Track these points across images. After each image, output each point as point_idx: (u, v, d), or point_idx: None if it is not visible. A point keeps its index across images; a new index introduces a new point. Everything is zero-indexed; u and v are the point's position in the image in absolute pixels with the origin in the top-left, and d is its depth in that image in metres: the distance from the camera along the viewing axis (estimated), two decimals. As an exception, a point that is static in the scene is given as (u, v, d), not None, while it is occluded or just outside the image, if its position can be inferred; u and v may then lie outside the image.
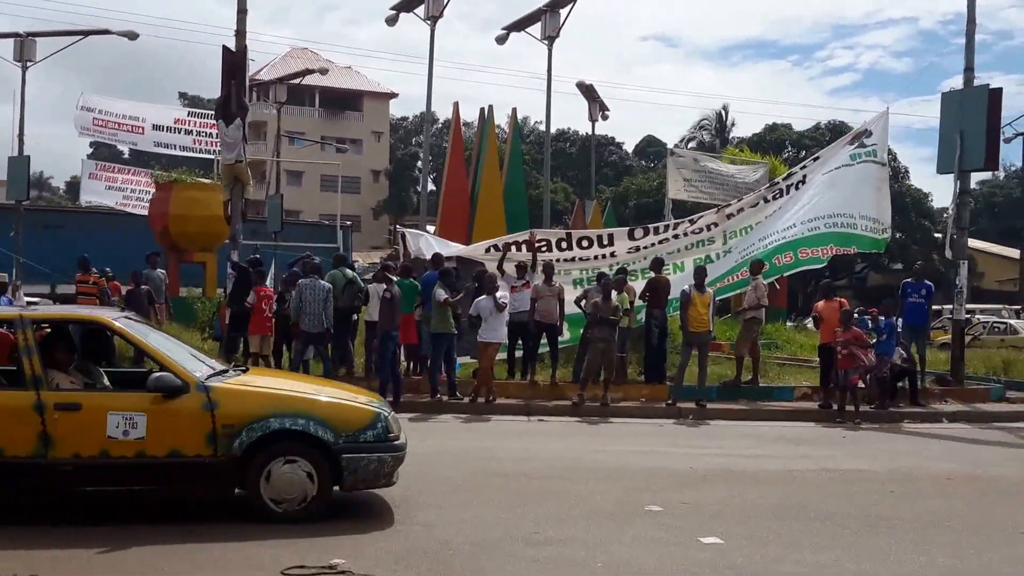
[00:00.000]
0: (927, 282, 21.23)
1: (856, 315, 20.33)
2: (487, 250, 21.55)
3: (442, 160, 41.23)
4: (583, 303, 19.28)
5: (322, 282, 18.87)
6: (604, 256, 21.71)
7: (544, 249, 21.40)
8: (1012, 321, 39.01)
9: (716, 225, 22.02)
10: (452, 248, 22.20)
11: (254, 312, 19.27)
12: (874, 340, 18.63)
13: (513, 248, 21.28)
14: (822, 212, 21.61)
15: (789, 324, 32.51)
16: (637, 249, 21.76)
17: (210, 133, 38.60)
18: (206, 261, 32.57)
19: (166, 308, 24.38)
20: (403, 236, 23.14)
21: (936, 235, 68.52)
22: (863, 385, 18.62)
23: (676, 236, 21.92)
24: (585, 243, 22.06)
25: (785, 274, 23.39)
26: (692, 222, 22.39)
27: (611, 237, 22.20)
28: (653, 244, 21.77)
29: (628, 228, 23.38)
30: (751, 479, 12.02)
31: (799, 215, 21.65)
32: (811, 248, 21.41)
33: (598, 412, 17.94)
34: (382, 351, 17.88)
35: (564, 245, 21.81)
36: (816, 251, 21.43)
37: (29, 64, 33.84)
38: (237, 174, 21.98)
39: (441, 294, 18.33)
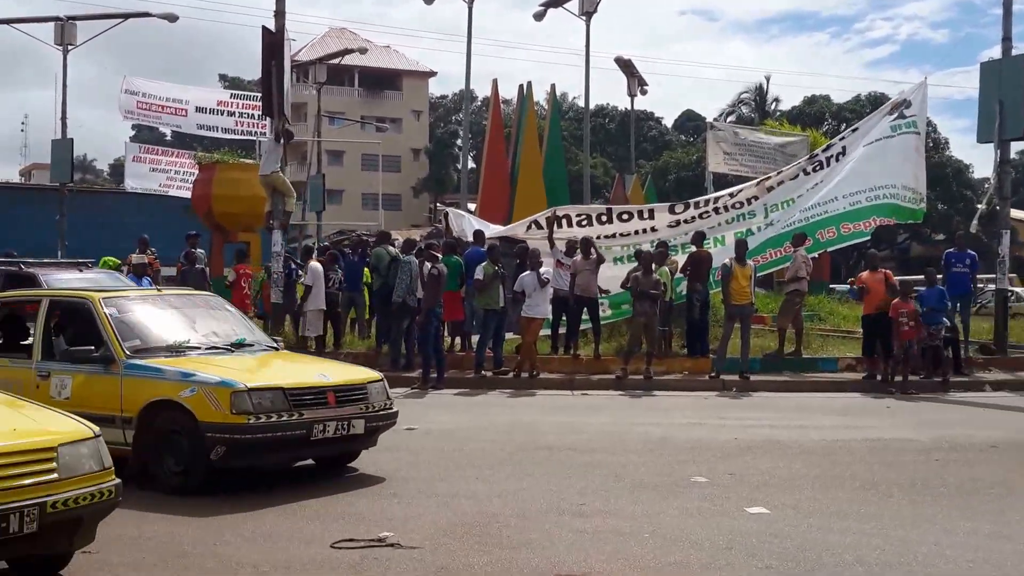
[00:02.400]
0: (971, 252, 21.10)
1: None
2: (527, 228, 21.55)
3: (482, 138, 41.28)
4: (628, 284, 19.21)
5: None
6: (645, 231, 21.62)
7: (584, 224, 21.38)
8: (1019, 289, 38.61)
9: (756, 199, 21.87)
10: (492, 229, 22.22)
11: (234, 288, 19.80)
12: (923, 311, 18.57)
13: (534, 227, 21.28)
14: (864, 185, 21.45)
15: (842, 288, 32.17)
16: (678, 223, 21.64)
17: (253, 114, 38.79)
18: (250, 241, 32.77)
19: (208, 289, 24.59)
20: (446, 215, 23.27)
21: (978, 206, 67.89)
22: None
23: (716, 210, 21.79)
24: (626, 216, 22.01)
25: (828, 249, 23.26)
26: (732, 195, 22.26)
27: (651, 212, 22.16)
28: (694, 218, 21.65)
29: (669, 204, 23.31)
30: (796, 449, 12.04)
31: (841, 188, 21.48)
32: (853, 223, 21.26)
33: (641, 385, 17.99)
34: (425, 328, 17.98)
35: (604, 219, 21.76)
36: (859, 225, 21.28)
37: (70, 48, 34.09)
38: (275, 185, 21.90)
39: (480, 271, 18.45)
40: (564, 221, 21.25)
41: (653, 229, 21.65)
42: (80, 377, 10.00)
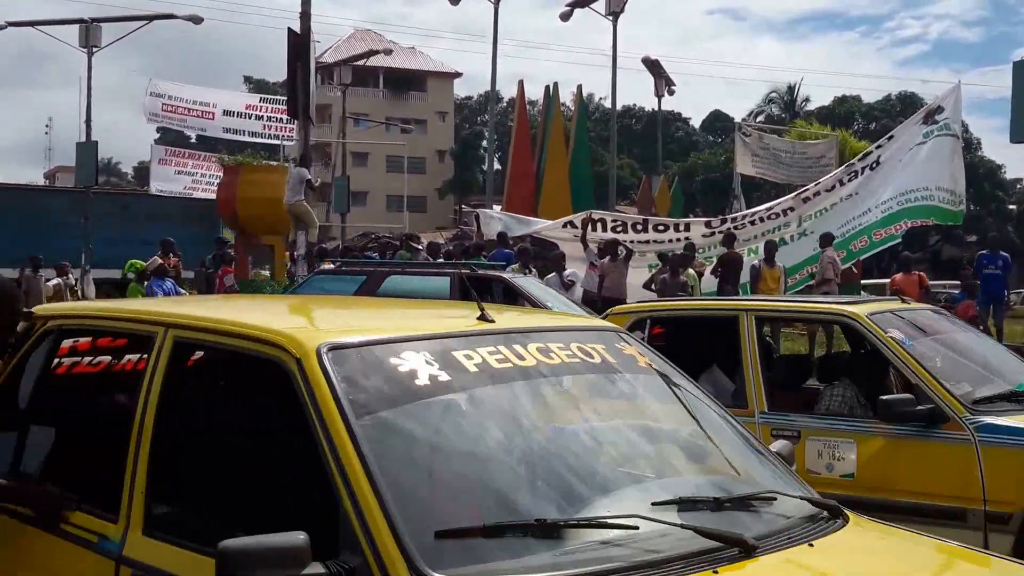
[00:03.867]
0: (1003, 253, 20.81)
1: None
2: (564, 226, 21.46)
3: (507, 139, 41.17)
4: (652, 285, 19.04)
5: None
6: (679, 240, 21.45)
7: (619, 230, 21.23)
8: None
9: (792, 210, 21.80)
10: (531, 226, 22.00)
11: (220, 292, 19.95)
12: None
13: (569, 226, 21.18)
14: (895, 192, 21.30)
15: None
16: (712, 235, 21.50)
17: (280, 118, 38.82)
18: (274, 244, 32.70)
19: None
20: (476, 217, 23.12)
21: (1011, 207, 67.39)
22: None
23: (752, 223, 21.73)
24: (661, 228, 21.97)
25: (862, 257, 23.04)
26: (769, 208, 22.24)
27: (687, 225, 22.08)
28: (729, 230, 21.56)
29: (706, 219, 23.16)
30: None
31: (874, 200, 21.36)
32: (884, 228, 21.04)
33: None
34: None
35: (640, 228, 21.63)
36: (889, 230, 21.05)
37: (95, 50, 34.16)
38: (298, 214, 21.71)
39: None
40: (599, 225, 21.09)
41: (687, 239, 21.54)
42: (878, 443, 6.78)
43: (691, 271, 19.15)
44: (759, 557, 3.23)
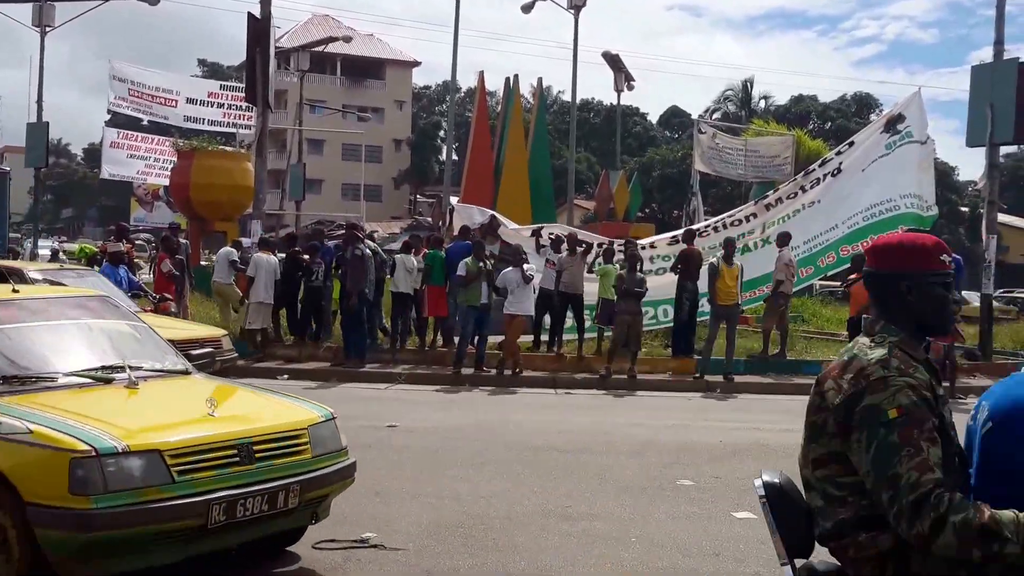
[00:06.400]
0: (956, 256, 20.89)
1: None
2: (531, 235, 21.39)
3: (465, 130, 41.07)
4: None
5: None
6: (644, 247, 21.29)
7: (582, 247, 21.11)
8: None
9: (755, 216, 21.90)
10: (499, 219, 21.87)
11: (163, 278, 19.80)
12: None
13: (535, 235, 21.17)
14: (861, 207, 21.47)
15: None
16: (677, 242, 21.48)
17: (240, 106, 38.47)
18: (227, 230, 32.50)
19: (189, 278, 24.21)
20: (451, 210, 22.96)
21: (962, 208, 68.04)
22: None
23: (716, 229, 21.80)
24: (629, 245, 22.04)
25: (828, 273, 23.18)
26: (731, 215, 22.42)
27: (653, 244, 22.01)
28: (690, 229, 21.62)
29: (671, 234, 23.04)
30: (782, 453, 11.84)
31: (840, 215, 21.53)
32: (851, 244, 21.03)
33: (625, 385, 17.81)
34: (352, 310, 18.37)
35: (604, 247, 21.42)
36: (856, 246, 20.95)
37: (48, 29, 33.74)
38: (224, 295, 21.22)
39: (463, 267, 18.24)
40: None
41: (653, 247, 21.58)
42: None
43: (610, 266, 19.33)
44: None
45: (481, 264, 18.36)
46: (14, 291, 8.00)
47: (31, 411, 6.31)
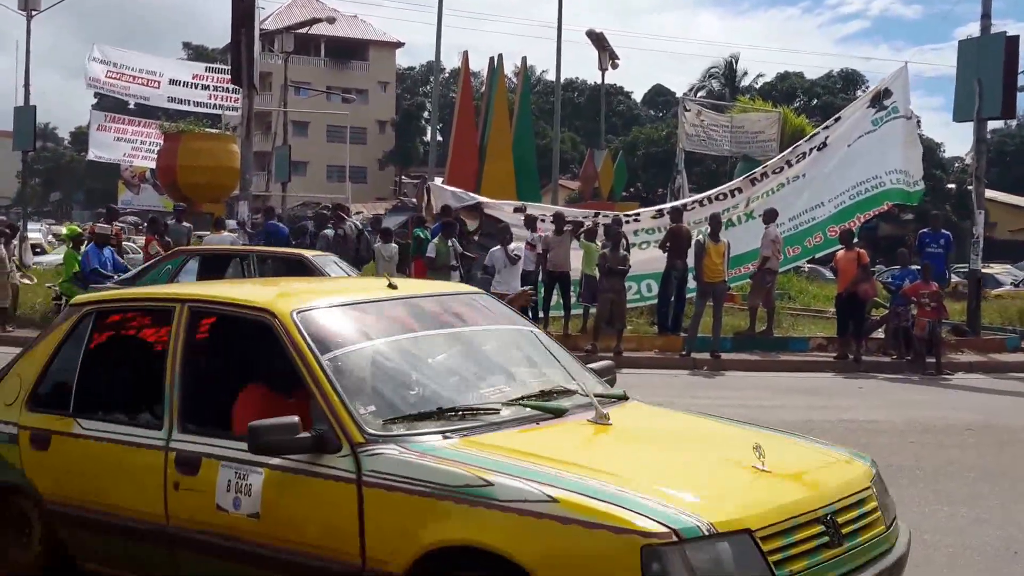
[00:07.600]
0: (945, 232, 21.04)
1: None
2: (515, 211, 21.36)
3: (450, 111, 41.00)
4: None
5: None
6: (628, 221, 21.29)
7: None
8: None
9: (741, 191, 21.95)
10: (476, 200, 21.84)
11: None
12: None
13: (518, 212, 21.14)
14: (847, 185, 21.55)
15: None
16: (662, 216, 21.50)
17: (226, 88, 38.42)
18: (214, 212, 32.47)
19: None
20: (428, 189, 22.90)
21: (948, 185, 68.16)
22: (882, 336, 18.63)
23: (702, 204, 21.84)
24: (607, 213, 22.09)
25: (817, 255, 23.19)
26: (718, 190, 22.56)
27: (637, 216, 22.01)
28: (676, 206, 21.64)
29: (656, 207, 23.09)
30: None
31: (826, 193, 21.58)
32: (838, 224, 21.05)
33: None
34: None
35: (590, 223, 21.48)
36: (844, 226, 21.02)
37: (35, 13, 33.57)
38: None
39: (432, 249, 18.24)
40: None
41: (636, 219, 21.58)
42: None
43: (592, 244, 19.35)
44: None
45: (450, 243, 18.33)
46: (390, 287, 6.02)
47: (520, 464, 4.52)
